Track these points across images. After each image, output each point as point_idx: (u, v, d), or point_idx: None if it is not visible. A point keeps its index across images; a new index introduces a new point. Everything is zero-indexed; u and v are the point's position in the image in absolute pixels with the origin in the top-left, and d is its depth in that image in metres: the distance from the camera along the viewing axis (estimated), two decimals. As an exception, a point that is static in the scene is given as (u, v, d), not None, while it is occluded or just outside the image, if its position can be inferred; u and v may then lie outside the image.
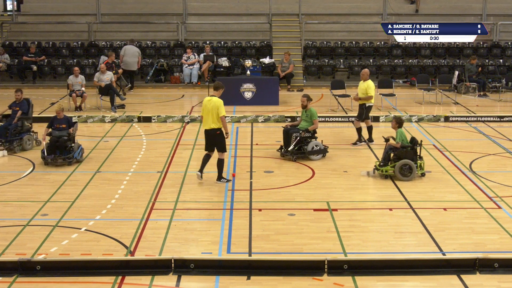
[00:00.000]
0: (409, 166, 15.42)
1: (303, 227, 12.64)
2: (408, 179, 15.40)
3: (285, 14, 31.59)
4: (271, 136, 19.75)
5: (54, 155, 16.52)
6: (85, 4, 31.79)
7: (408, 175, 15.43)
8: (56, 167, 16.36)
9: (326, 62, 29.35)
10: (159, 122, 21.66)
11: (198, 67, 28.22)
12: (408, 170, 15.44)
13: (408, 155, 15.56)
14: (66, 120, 17.08)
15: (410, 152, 15.59)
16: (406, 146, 15.61)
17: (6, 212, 13.48)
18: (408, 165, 15.42)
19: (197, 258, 10.96)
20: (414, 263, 10.90)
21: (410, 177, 15.42)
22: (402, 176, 15.43)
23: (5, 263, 10.83)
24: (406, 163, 15.44)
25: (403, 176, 15.43)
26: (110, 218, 13.14)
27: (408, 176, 15.42)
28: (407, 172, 15.45)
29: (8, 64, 28.74)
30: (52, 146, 16.62)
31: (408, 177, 15.42)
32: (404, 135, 15.77)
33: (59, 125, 16.97)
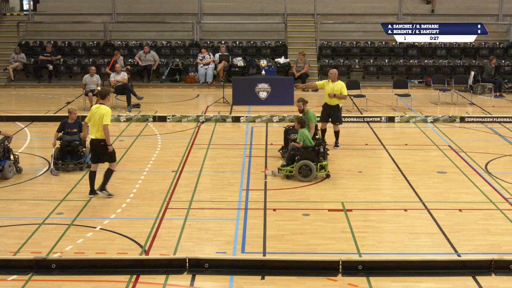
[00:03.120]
0: (309, 167, 15.34)
1: (317, 227, 12.62)
2: (308, 180, 15.30)
3: (300, 14, 31.58)
4: (286, 136, 19.73)
5: (65, 160, 16.27)
6: (101, 3, 31.92)
7: (307, 176, 15.34)
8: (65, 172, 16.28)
9: (341, 62, 29.30)
10: (174, 122, 21.70)
11: (213, 67, 28.26)
12: (307, 170, 15.37)
13: (309, 156, 15.48)
14: (77, 124, 16.63)
15: (311, 152, 15.49)
16: (307, 146, 15.53)
17: (22, 211, 13.54)
18: (308, 166, 15.35)
19: (211, 257, 10.96)
20: (429, 264, 10.86)
21: (310, 178, 15.32)
22: (301, 176, 15.35)
23: (21, 261, 10.89)
24: (305, 163, 15.37)
25: (302, 177, 15.35)
26: (125, 217, 13.17)
27: (308, 177, 15.33)
28: (306, 173, 15.37)
29: (24, 64, 28.90)
30: (63, 151, 16.28)
31: (307, 177, 15.33)
32: (307, 135, 15.65)
33: (70, 129, 16.58)
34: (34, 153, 17.92)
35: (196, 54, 29.29)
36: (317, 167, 15.42)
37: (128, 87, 23.40)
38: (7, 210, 13.58)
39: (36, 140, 19.56)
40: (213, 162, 17.17)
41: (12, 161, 15.79)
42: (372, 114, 22.23)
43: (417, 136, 19.96)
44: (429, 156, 17.71)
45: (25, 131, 20.41)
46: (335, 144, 18.24)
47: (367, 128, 20.94)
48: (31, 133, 20.24)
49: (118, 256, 11.15)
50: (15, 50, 29.00)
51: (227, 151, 18.04)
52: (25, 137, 19.63)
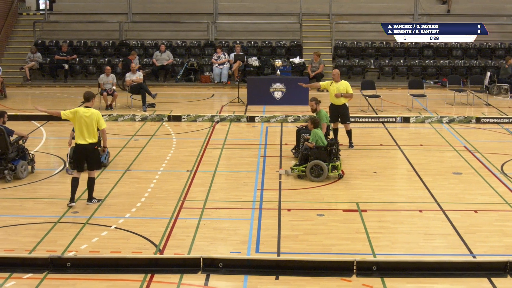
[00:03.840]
0: (320, 167, 15.34)
1: (332, 227, 12.60)
2: (319, 180, 15.30)
3: (316, 14, 31.55)
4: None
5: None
6: (116, 3, 32.03)
7: (319, 176, 15.34)
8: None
9: (357, 62, 29.25)
10: (189, 121, 21.74)
11: (228, 67, 28.28)
12: (319, 170, 15.36)
13: (321, 156, 15.46)
14: None
15: (323, 153, 15.48)
16: (320, 146, 15.51)
17: (38, 209, 13.61)
18: (319, 166, 15.34)
19: (226, 257, 10.97)
20: (444, 265, 10.81)
21: (321, 178, 15.32)
22: (313, 176, 15.36)
23: (36, 259, 10.94)
24: (317, 163, 15.37)
25: (314, 177, 15.35)
26: (140, 216, 13.21)
27: (319, 177, 15.33)
28: (318, 173, 15.36)
29: (40, 63, 29.05)
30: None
31: (319, 177, 15.33)
32: (319, 135, 15.64)
33: None
34: (50, 152, 18.01)
35: (211, 54, 29.33)
36: (329, 167, 15.41)
37: (143, 86, 23.46)
38: (22, 208, 13.66)
39: (51, 139, 19.64)
40: (228, 161, 17.18)
41: (26, 161, 15.86)
42: (387, 115, 22.17)
43: (432, 136, 19.88)
44: (445, 157, 17.64)
45: (41, 130, 20.51)
46: (349, 144, 18.18)
47: (382, 129, 20.88)
48: (47, 132, 20.33)
49: (132, 255, 11.18)
50: (31, 49, 29.15)
51: (241, 151, 18.05)
52: (40, 136, 19.72)
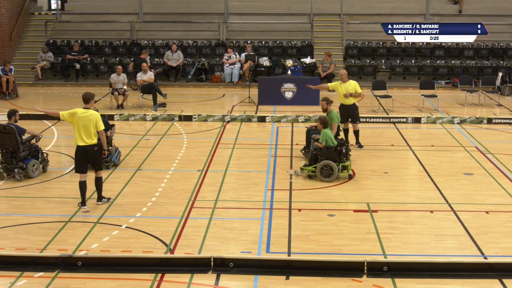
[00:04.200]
0: (330, 167, 15.32)
1: (342, 228, 12.59)
2: (329, 180, 15.29)
3: (327, 14, 31.49)
4: (311, 136, 19.71)
5: None
6: (127, 3, 32.08)
7: (329, 176, 15.33)
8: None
9: (368, 62, 29.19)
10: (200, 121, 21.75)
11: (239, 67, 28.28)
12: (329, 170, 15.34)
13: (331, 156, 15.44)
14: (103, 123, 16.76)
15: (333, 153, 15.46)
16: (330, 146, 15.49)
17: (49, 208, 13.65)
18: (329, 166, 15.33)
19: (236, 257, 10.98)
20: (455, 266, 10.78)
21: (331, 178, 15.30)
22: (323, 177, 15.34)
23: (47, 258, 10.99)
24: (327, 163, 15.35)
25: (324, 177, 15.34)
26: (151, 215, 13.23)
27: (329, 177, 15.31)
28: (328, 173, 15.35)
29: (52, 62, 29.13)
30: None
31: (329, 178, 15.31)
32: (329, 135, 15.61)
33: None
34: (61, 151, 18.06)
35: (222, 53, 29.34)
36: (339, 167, 15.39)
37: (154, 86, 23.51)
38: (34, 207, 13.71)
39: (62, 139, 19.70)
40: (239, 161, 17.19)
41: (38, 161, 15.93)
42: (398, 115, 22.11)
43: (443, 137, 19.82)
44: (456, 157, 17.58)
45: (52, 130, 20.57)
46: (358, 145, 18.12)
47: (393, 129, 20.84)
48: (58, 131, 20.40)
49: (143, 255, 11.20)
50: (42, 49, 29.24)
51: (252, 151, 18.05)
52: (52, 136, 19.78)
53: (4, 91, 25.53)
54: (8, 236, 12.23)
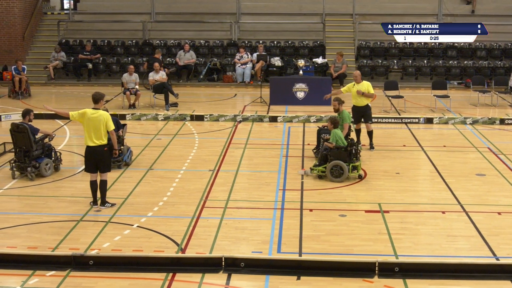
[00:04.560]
0: (340, 167, 15.30)
1: (354, 228, 12.57)
2: (339, 180, 15.27)
3: (339, 14, 31.44)
4: (323, 136, 19.69)
5: None
6: (140, 3, 32.15)
7: (339, 176, 15.31)
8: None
9: (380, 62, 29.14)
10: (212, 121, 21.77)
11: (251, 67, 28.29)
12: (338, 171, 15.33)
13: (341, 156, 15.43)
14: (114, 122, 16.69)
15: (343, 153, 15.44)
16: (340, 147, 15.46)
17: (61, 207, 13.70)
18: (339, 166, 15.31)
19: (247, 257, 10.98)
20: (467, 267, 10.74)
21: (341, 178, 15.28)
22: (333, 177, 15.33)
23: (59, 257, 11.02)
24: (337, 164, 15.33)
25: (334, 177, 15.33)
26: (162, 215, 13.25)
27: (339, 177, 15.30)
28: (338, 173, 15.33)
29: (64, 62, 29.23)
30: None
31: (339, 178, 15.30)
32: (339, 136, 15.59)
33: None
34: (73, 150, 18.11)
35: (234, 53, 29.35)
36: (349, 167, 15.37)
37: (166, 86, 23.54)
38: (46, 206, 13.76)
39: (74, 138, 19.75)
40: (250, 161, 17.19)
41: (51, 160, 15.99)
42: (410, 115, 22.05)
43: (455, 138, 19.76)
44: (468, 158, 17.53)
45: (64, 129, 20.64)
46: (370, 146, 18.09)
47: (405, 129, 20.79)
48: (70, 131, 20.46)
49: (154, 254, 11.22)
50: (55, 48, 29.34)
51: (264, 151, 18.05)
52: (64, 135, 19.85)
53: (17, 90, 25.65)
54: (20, 234, 12.28)
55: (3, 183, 15.27)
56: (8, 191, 14.81)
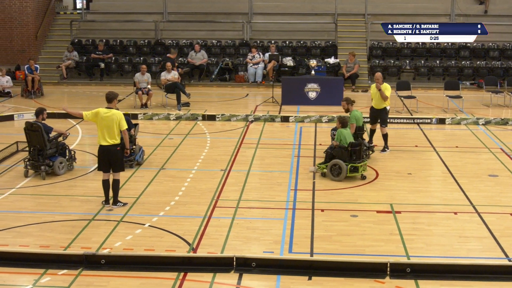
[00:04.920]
0: (339, 166, 15.39)
1: (365, 228, 12.55)
2: (338, 179, 15.36)
3: (351, 14, 31.40)
4: (334, 136, 19.67)
5: None
6: (152, 3, 32.21)
7: (337, 175, 15.40)
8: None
9: (392, 63, 29.07)
10: (223, 121, 21.78)
11: (262, 67, 28.29)
12: (337, 170, 15.42)
13: (342, 156, 15.50)
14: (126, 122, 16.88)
15: (345, 153, 15.49)
16: (342, 146, 15.52)
17: (73, 207, 13.75)
18: (338, 165, 15.40)
19: (259, 256, 10.98)
20: (479, 268, 10.71)
21: (340, 177, 15.37)
22: (332, 175, 15.44)
23: (71, 256, 11.06)
24: (336, 163, 15.43)
25: (333, 176, 15.43)
26: (174, 214, 13.27)
27: (338, 176, 15.39)
28: (337, 172, 15.44)
29: (76, 62, 29.31)
30: None
31: (337, 177, 15.39)
32: (344, 135, 15.63)
33: None
34: (85, 150, 18.16)
35: (246, 53, 29.36)
36: (348, 167, 15.39)
37: (178, 85, 23.57)
38: (58, 205, 13.81)
39: (87, 137, 19.81)
40: (262, 161, 17.19)
41: (65, 158, 16.08)
42: (423, 116, 21.99)
43: (468, 138, 19.69)
44: (480, 159, 17.46)
45: (77, 128, 20.70)
46: (383, 147, 17.99)
47: (417, 130, 20.73)
48: (82, 130, 20.52)
49: (166, 253, 11.25)
50: (68, 48, 29.43)
51: (275, 151, 18.04)
52: (76, 134, 19.91)
53: (30, 89, 25.75)
54: (33, 233, 12.33)
55: (16, 182, 15.34)
56: (21, 189, 14.87)
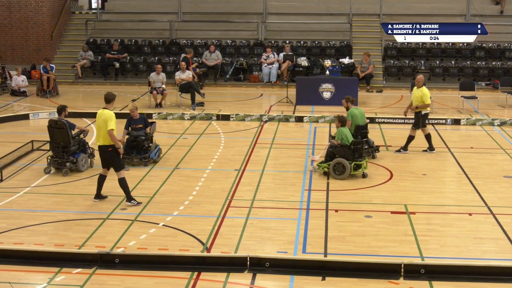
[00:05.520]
0: (343, 164, 15.49)
1: (379, 229, 12.52)
2: (341, 178, 15.48)
3: (366, 14, 31.31)
4: (349, 136, 19.63)
5: (130, 155, 16.62)
6: (167, 2, 32.28)
7: (341, 174, 15.51)
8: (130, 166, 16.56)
9: (407, 63, 28.97)
10: (238, 121, 21.80)
11: (277, 67, 28.27)
12: (341, 168, 15.51)
13: (345, 154, 15.61)
14: (142, 120, 17.07)
15: (347, 151, 15.61)
16: (344, 145, 15.60)
17: (87, 206, 13.80)
18: (341, 164, 15.50)
19: (272, 256, 10.98)
20: (494, 270, 10.66)
21: (343, 175, 15.49)
22: (335, 174, 15.55)
23: (85, 255, 11.11)
24: (339, 161, 15.53)
25: (336, 174, 15.55)
26: (188, 214, 13.29)
27: (341, 175, 15.50)
28: (340, 171, 15.54)
29: (91, 61, 29.42)
30: (129, 146, 16.67)
31: (341, 175, 15.50)
32: (345, 134, 15.74)
33: (135, 125, 16.97)
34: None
35: (261, 53, 29.35)
36: (351, 165, 15.48)
37: (192, 85, 23.61)
38: (73, 204, 13.86)
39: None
40: (276, 161, 17.19)
41: (86, 155, 16.35)
42: (438, 116, 21.89)
43: (483, 139, 19.60)
44: (496, 160, 17.38)
45: (92, 128, 20.76)
46: (428, 148, 17.84)
47: (432, 130, 20.58)
48: (97, 129, 20.56)
49: (180, 253, 11.27)
50: (83, 48, 29.54)
51: (289, 151, 18.03)
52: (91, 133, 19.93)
53: (45, 89, 25.87)
54: (48, 232, 12.39)
55: (31, 181, 15.42)
56: (36, 188, 14.95)
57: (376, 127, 20.74)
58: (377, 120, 21.44)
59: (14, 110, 23.42)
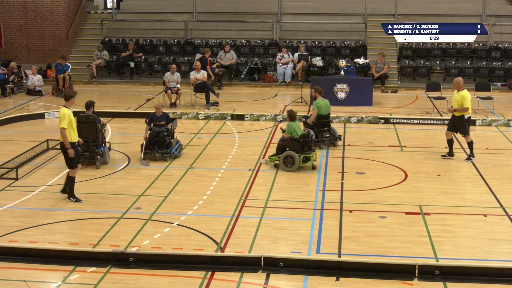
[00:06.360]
0: (292, 157, 16.04)
1: (394, 230, 12.48)
2: (291, 170, 16.02)
3: (381, 14, 31.22)
4: (363, 137, 19.59)
5: (152, 150, 16.95)
6: (182, 2, 32.33)
7: (290, 166, 16.04)
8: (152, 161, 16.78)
9: (422, 63, 28.87)
10: (252, 120, 21.80)
11: (292, 67, 28.25)
12: (290, 161, 16.04)
13: (294, 147, 16.19)
14: (165, 117, 17.33)
15: (297, 144, 16.18)
16: (294, 138, 16.19)
17: (102, 204, 13.84)
18: (290, 156, 16.05)
19: (286, 257, 10.97)
20: (509, 271, 10.60)
21: (293, 168, 16.00)
22: (285, 166, 16.08)
23: (100, 254, 11.14)
24: (289, 154, 16.10)
25: (286, 167, 16.06)
26: (202, 213, 13.31)
27: (290, 167, 16.02)
28: (289, 163, 16.06)
29: (107, 61, 29.51)
30: (151, 141, 16.99)
31: (290, 167, 16.03)
32: (294, 128, 16.28)
33: (158, 122, 17.22)
34: (114, 148, 18.25)
35: (275, 53, 29.35)
36: (300, 158, 16.00)
37: (207, 85, 23.64)
38: (88, 203, 13.90)
39: (116, 136, 19.95)
40: (290, 161, 17.17)
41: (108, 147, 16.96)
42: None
43: (498, 140, 19.50)
44: (511, 161, 17.28)
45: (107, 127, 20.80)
46: (469, 155, 17.25)
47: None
48: (112, 129, 20.66)
49: (194, 252, 11.28)
50: (98, 47, 29.65)
51: (304, 151, 17.99)
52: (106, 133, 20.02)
53: (60, 88, 25.97)
54: (62, 231, 12.45)
55: (47, 180, 15.49)
56: (51, 187, 15.00)
57: (391, 128, 20.70)
58: (392, 120, 21.37)
59: (29, 109, 23.54)
